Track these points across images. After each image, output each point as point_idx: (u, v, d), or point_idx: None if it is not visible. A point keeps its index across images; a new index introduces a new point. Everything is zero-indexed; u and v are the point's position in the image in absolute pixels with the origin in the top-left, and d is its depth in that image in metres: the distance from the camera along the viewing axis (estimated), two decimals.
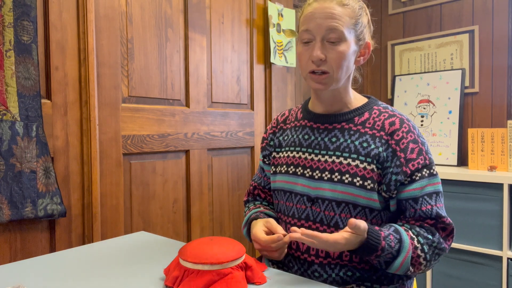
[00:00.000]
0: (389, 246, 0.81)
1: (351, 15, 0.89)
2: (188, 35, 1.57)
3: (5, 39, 1.06)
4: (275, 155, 1.06)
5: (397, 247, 0.81)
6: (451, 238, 0.88)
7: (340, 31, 0.87)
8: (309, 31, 0.89)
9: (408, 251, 0.82)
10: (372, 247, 0.79)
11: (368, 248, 0.79)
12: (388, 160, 0.89)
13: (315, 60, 0.88)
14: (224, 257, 0.71)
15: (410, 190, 0.87)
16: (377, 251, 0.80)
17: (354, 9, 0.89)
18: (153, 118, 1.45)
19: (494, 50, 2.20)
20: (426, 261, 0.84)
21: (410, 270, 0.84)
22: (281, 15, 1.98)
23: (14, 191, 1.08)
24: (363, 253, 0.81)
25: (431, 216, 0.86)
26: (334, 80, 0.90)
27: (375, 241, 0.80)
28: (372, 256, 0.81)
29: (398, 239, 0.82)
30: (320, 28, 0.88)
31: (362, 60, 0.96)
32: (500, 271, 1.81)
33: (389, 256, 0.82)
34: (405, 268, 0.83)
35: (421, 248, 0.83)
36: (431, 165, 0.89)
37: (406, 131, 0.90)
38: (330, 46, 0.88)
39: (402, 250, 0.82)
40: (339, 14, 0.87)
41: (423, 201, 0.87)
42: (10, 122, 1.07)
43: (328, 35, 0.88)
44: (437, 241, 0.85)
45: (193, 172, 1.60)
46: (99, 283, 0.75)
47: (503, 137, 1.96)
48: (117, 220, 1.35)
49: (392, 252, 0.81)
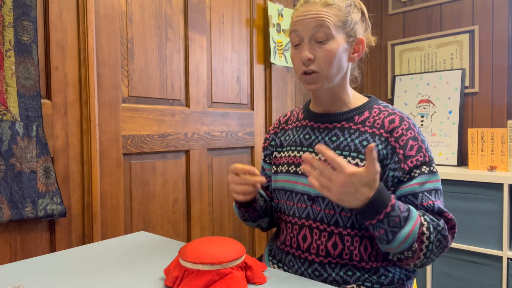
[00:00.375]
0: (398, 208, 0.77)
1: (338, 14, 0.90)
2: (188, 35, 1.57)
3: (5, 39, 1.06)
4: (276, 155, 1.07)
5: (405, 214, 0.78)
6: (453, 233, 0.85)
7: (326, 29, 0.88)
8: (297, 33, 0.92)
9: (416, 222, 0.79)
10: (382, 201, 0.76)
11: (378, 202, 0.76)
12: (387, 158, 0.89)
13: (304, 60, 0.90)
14: (224, 257, 0.71)
15: (409, 185, 0.86)
16: (387, 207, 0.76)
17: (341, 7, 0.91)
18: (153, 118, 1.45)
19: (494, 50, 2.20)
20: (429, 242, 0.80)
21: (414, 246, 0.79)
22: (281, 15, 1.98)
23: (14, 191, 1.08)
24: (372, 207, 0.76)
25: (433, 211, 0.85)
26: (325, 78, 0.91)
27: (385, 196, 0.76)
28: (380, 213, 0.76)
29: (407, 208, 0.80)
30: (306, 28, 0.90)
31: (356, 57, 0.96)
32: (500, 271, 1.81)
33: (397, 221, 0.77)
34: (410, 242, 0.79)
35: (427, 225, 0.80)
36: (430, 162, 0.89)
37: (406, 128, 0.90)
38: (318, 46, 0.90)
39: (410, 218, 0.78)
40: (325, 13, 0.89)
41: (424, 196, 0.86)
42: (10, 122, 1.07)
43: (315, 34, 0.89)
44: (442, 225, 0.82)
45: (193, 172, 1.60)
46: (99, 283, 0.75)
47: (503, 137, 1.96)
48: (117, 220, 1.35)
49: (400, 216, 0.77)
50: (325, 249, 0.90)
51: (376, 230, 0.80)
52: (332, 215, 0.90)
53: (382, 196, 0.77)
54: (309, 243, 0.92)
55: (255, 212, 1.05)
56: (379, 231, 0.79)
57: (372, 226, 0.80)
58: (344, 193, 0.75)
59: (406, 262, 0.84)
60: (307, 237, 0.93)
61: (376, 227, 0.79)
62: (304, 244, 0.93)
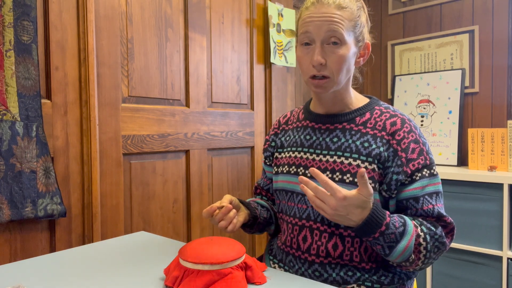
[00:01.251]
0: (393, 225, 0.80)
1: (350, 18, 0.88)
2: (188, 35, 1.57)
3: (5, 39, 1.06)
4: (277, 156, 1.06)
5: (401, 230, 0.81)
6: (451, 236, 0.87)
7: (340, 34, 0.87)
8: (308, 34, 0.89)
9: (412, 236, 0.81)
10: (376, 221, 0.78)
11: (372, 222, 0.78)
12: (389, 160, 0.89)
13: (316, 65, 0.88)
14: (224, 257, 0.71)
15: (411, 189, 0.87)
16: (381, 227, 0.78)
17: (353, 11, 0.89)
18: (153, 118, 1.45)
19: (494, 50, 2.20)
20: (427, 251, 0.83)
21: (412, 257, 0.82)
22: (281, 15, 1.98)
23: (14, 191, 1.08)
24: (367, 228, 0.79)
25: (433, 215, 0.87)
26: (335, 83, 0.90)
27: (380, 215, 0.79)
28: (375, 233, 0.79)
29: (402, 222, 0.82)
30: (319, 31, 0.87)
31: (362, 61, 0.96)
32: (500, 271, 1.81)
33: (393, 237, 0.80)
34: (407, 255, 0.82)
35: (423, 236, 0.82)
36: (431, 165, 0.89)
37: (407, 131, 0.90)
38: (330, 50, 0.88)
39: (406, 233, 0.81)
40: (338, 17, 0.87)
41: (424, 200, 0.87)
42: (10, 122, 1.07)
43: (328, 38, 0.87)
44: (439, 233, 0.84)
45: (193, 172, 1.60)
46: (99, 283, 0.75)
47: (503, 137, 1.96)
48: (117, 220, 1.35)
49: (395, 233, 0.80)
50: (326, 250, 0.90)
51: (373, 246, 0.83)
52: None
53: (376, 216, 0.79)
54: (309, 244, 0.92)
55: (260, 226, 1.06)
56: (376, 247, 0.83)
57: (369, 242, 0.83)
58: (337, 215, 0.78)
59: (405, 268, 0.87)
60: (307, 238, 0.93)
61: (373, 243, 0.82)
62: (305, 245, 0.93)
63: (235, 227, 0.91)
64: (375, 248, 0.83)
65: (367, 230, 0.79)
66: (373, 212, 0.79)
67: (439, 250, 0.85)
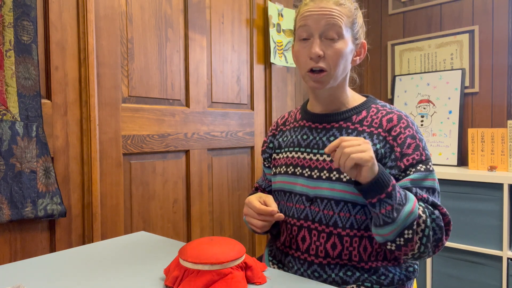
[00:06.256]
0: (397, 187, 0.80)
1: (348, 14, 0.90)
2: (188, 35, 1.57)
3: (5, 39, 1.06)
4: (275, 157, 1.06)
5: (403, 192, 0.81)
6: (447, 230, 0.85)
7: (338, 28, 0.88)
8: (307, 28, 0.90)
9: (415, 201, 0.81)
10: (383, 181, 0.78)
11: (380, 182, 0.78)
12: (386, 156, 0.89)
13: (314, 56, 0.88)
14: (224, 257, 0.71)
15: (404, 180, 0.87)
16: (388, 187, 0.78)
17: (350, 9, 0.91)
18: (153, 118, 1.45)
19: (494, 50, 2.20)
20: (425, 226, 0.81)
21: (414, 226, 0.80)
22: (281, 15, 1.98)
23: (14, 191, 1.08)
24: (375, 187, 0.78)
25: (427, 203, 0.85)
26: (332, 78, 0.91)
27: (386, 177, 0.79)
28: (389, 187, 0.78)
29: (404, 193, 0.82)
30: (318, 24, 0.88)
31: (358, 60, 0.97)
32: (500, 271, 1.81)
33: (399, 196, 0.79)
34: (412, 219, 0.79)
35: (422, 209, 0.82)
36: (427, 161, 0.89)
37: (404, 126, 0.90)
38: (328, 43, 0.89)
39: (409, 196, 0.81)
40: (337, 12, 0.89)
41: (417, 191, 0.86)
42: (10, 122, 1.07)
43: (326, 32, 0.88)
44: (437, 214, 0.83)
45: (193, 172, 1.60)
46: (99, 283, 0.75)
47: (503, 137, 1.96)
48: (117, 220, 1.35)
49: (401, 193, 0.80)
50: (324, 250, 0.90)
51: (382, 207, 0.79)
52: (331, 215, 0.90)
53: (385, 172, 0.80)
54: (308, 244, 0.92)
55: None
56: (386, 208, 0.79)
57: (379, 202, 0.79)
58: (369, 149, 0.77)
59: (404, 249, 0.82)
60: (306, 238, 0.93)
61: (383, 203, 0.79)
62: (303, 245, 0.93)
63: None
64: (384, 211, 0.79)
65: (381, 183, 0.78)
66: (381, 171, 0.79)
67: (435, 235, 0.82)
